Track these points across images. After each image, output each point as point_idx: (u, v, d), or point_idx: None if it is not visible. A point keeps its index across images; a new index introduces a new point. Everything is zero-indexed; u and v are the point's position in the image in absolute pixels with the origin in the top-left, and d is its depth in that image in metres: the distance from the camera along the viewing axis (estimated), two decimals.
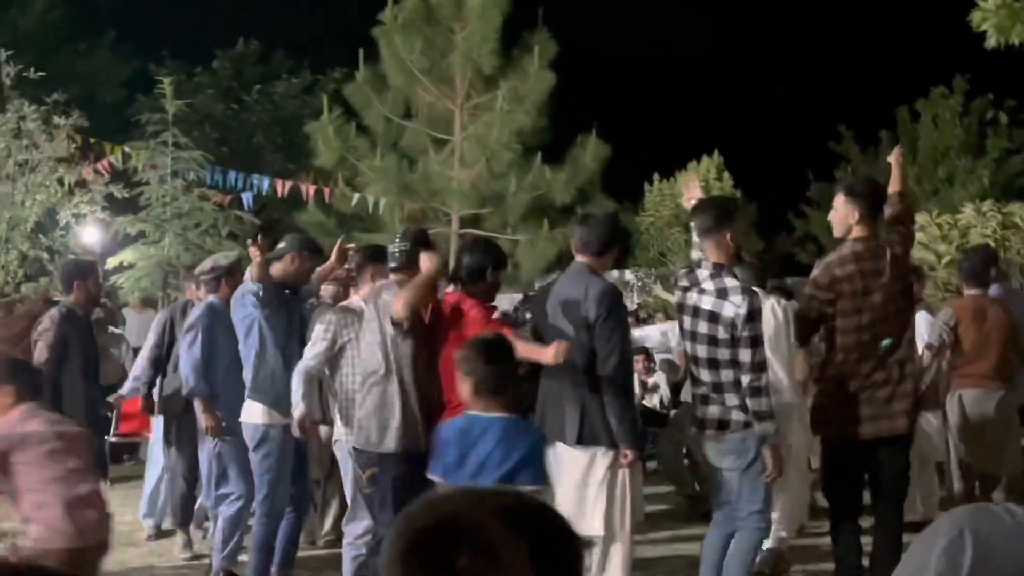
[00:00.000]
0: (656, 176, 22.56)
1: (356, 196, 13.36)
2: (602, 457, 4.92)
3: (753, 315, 4.69)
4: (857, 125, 23.70)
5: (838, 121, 23.88)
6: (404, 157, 13.68)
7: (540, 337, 5.24)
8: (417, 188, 13.36)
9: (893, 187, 5.47)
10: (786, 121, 27.96)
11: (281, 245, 6.18)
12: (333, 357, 5.70)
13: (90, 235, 12.54)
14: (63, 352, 6.36)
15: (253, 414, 5.91)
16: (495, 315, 5.40)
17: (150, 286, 13.41)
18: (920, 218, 12.96)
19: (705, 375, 4.81)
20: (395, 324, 4.98)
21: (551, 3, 13.64)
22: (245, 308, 5.89)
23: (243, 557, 6.33)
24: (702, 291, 4.85)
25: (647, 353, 10.20)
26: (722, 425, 4.82)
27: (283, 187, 14.53)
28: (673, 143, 25.11)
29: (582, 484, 4.93)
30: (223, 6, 27.99)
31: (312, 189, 14.28)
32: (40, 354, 6.31)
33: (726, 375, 4.74)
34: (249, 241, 5.90)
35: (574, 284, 5.08)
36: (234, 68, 23.51)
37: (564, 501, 4.88)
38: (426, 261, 4.99)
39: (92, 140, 12.88)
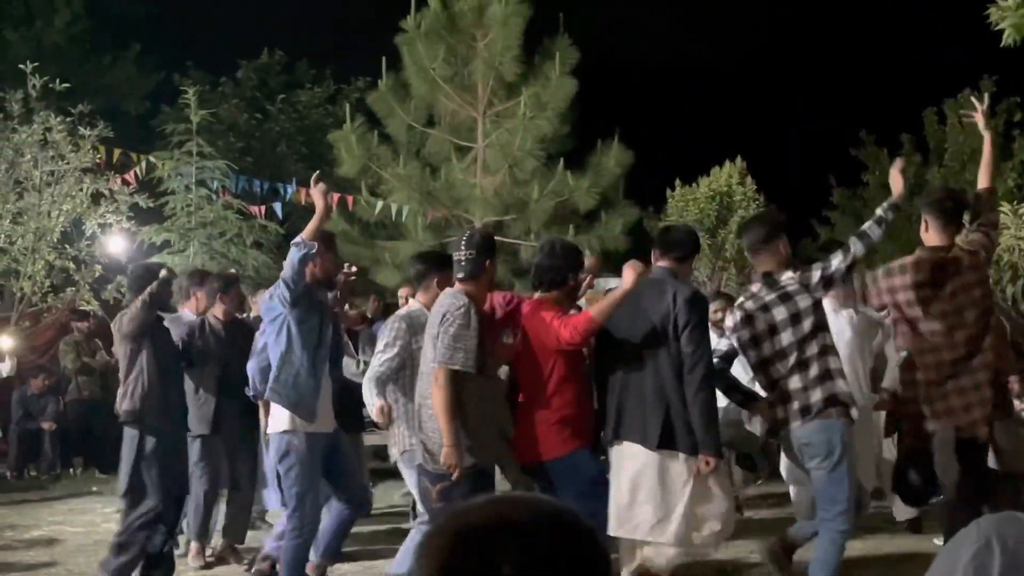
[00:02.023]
0: (678, 181, 22.38)
1: (379, 204, 13.39)
2: (681, 463, 4.88)
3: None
4: (879, 129, 23.54)
5: (861, 125, 23.71)
6: (427, 165, 13.70)
7: (602, 338, 5.15)
8: (440, 196, 13.37)
9: (983, 181, 5.31)
10: (810, 125, 27.86)
11: None
12: (402, 365, 5.50)
13: (115, 245, 12.61)
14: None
15: (277, 423, 5.60)
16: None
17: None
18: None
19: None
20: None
21: (572, 10, 13.65)
22: (275, 308, 5.58)
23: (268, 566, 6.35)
24: (767, 305, 4.90)
25: None
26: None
27: (307, 195, 14.56)
28: (695, 148, 24.97)
29: (657, 489, 4.88)
30: (247, 17, 28.17)
31: (336, 197, 14.31)
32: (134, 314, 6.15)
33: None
34: None
35: (660, 288, 5.01)
36: (258, 78, 23.59)
37: (632, 502, 4.89)
38: (628, 273, 4.80)
39: (117, 151, 12.97)
